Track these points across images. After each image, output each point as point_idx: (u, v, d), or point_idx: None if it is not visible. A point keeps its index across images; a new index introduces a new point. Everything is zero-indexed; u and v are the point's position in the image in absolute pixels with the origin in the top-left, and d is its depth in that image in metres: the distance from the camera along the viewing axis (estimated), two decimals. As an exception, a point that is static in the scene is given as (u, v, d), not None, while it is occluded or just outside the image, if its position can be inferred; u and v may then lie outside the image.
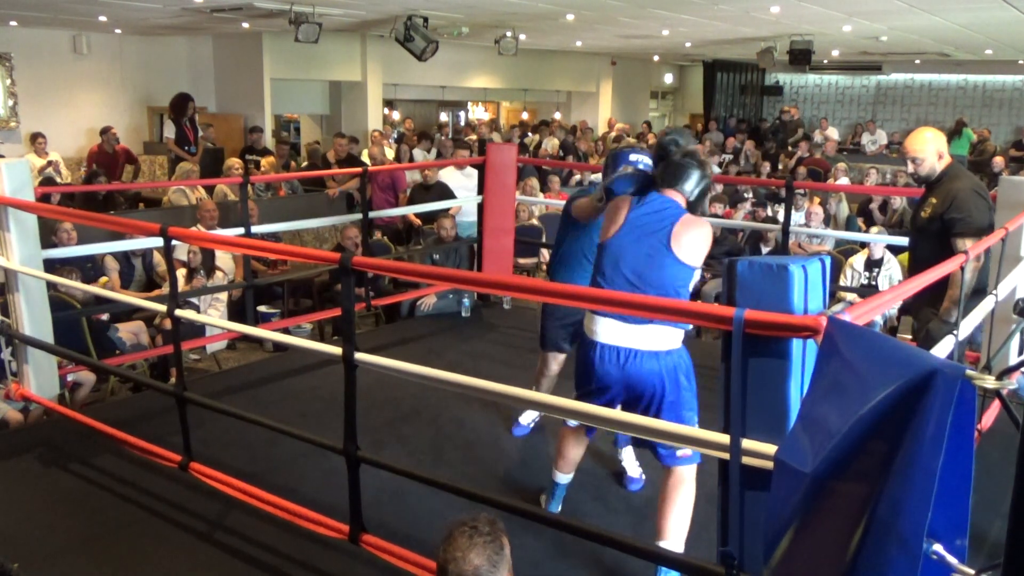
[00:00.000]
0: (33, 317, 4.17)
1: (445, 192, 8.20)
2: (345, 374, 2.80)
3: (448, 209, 7.28)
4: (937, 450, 1.37)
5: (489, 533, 1.82)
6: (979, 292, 3.69)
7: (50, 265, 4.66)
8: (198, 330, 5.64)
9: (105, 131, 10.05)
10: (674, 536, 2.83)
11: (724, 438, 2.04)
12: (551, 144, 13.82)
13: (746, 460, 1.99)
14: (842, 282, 6.50)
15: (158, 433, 3.76)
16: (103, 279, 5.95)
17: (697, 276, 2.93)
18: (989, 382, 1.39)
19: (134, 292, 6.28)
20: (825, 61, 16.41)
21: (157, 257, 6.65)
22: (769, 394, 1.98)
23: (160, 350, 5.50)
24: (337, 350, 2.82)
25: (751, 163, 13.10)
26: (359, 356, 2.77)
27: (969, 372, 1.38)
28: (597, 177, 11.45)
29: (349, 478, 2.87)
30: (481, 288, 5.84)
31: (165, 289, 5.28)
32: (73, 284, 4.66)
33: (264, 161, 9.70)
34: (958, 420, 1.37)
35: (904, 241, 6.68)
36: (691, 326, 3.28)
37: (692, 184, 2.90)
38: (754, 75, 18.78)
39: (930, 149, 3.78)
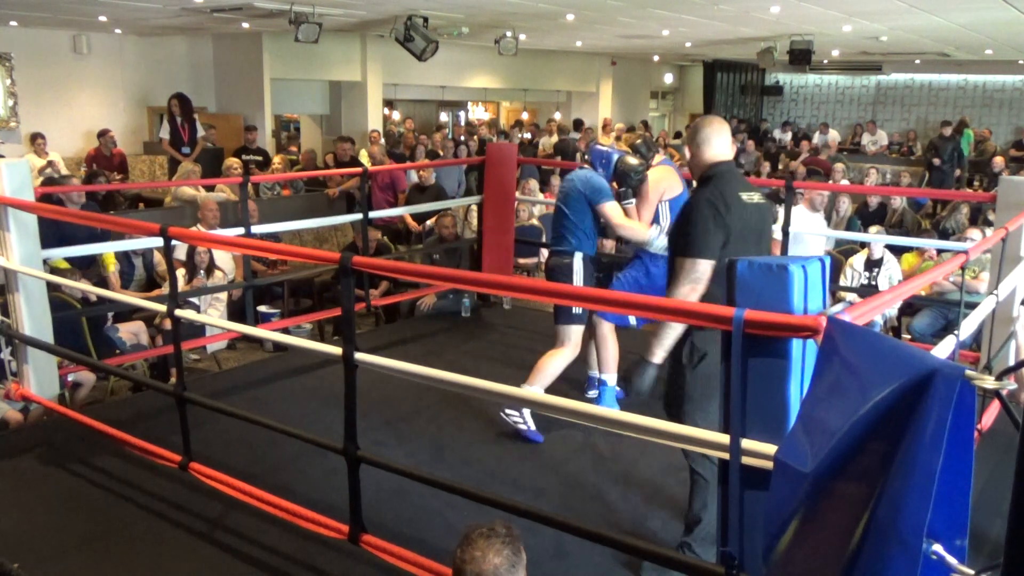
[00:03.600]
0: (33, 317, 4.17)
1: (440, 194, 8.27)
2: (345, 374, 2.80)
3: (448, 209, 7.28)
4: (937, 450, 1.37)
5: (507, 535, 1.86)
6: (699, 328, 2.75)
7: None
8: (198, 330, 5.64)
9: (103, 134, 10.07)
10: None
11: (724, 438, 2.04)
12: (547, 143, 13.84)
13: (746, 460, 1.99)
14: (842, 282, 6.50)
15: (158, 433, 3.76)
16: (110, 259, 5.91)
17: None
18: (988, 382, 1.39)
19: (134, 292, 6.28)
20: (825, 61, 16.41)
21: (157, 257, 6.65)
22: (769, 394, 1.98)
23: (160, 350, 5.49)
24: (337, 350, 2.82)
25: (752, 161, 13.10)
26: (359, 356, 2.77)
27: (968, 372, 1.38)
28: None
29: (349, 478, 2.87)
30: (481, 288, 5.84)
31: (165, 289, 5.28)
32: (73, 284, 4.66)
33: (277, 159, 9.71)
34: (958, 420, 1.37)
35: (906, 241, 6.72)
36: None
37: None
38: (754, 75, 18.78)
39: (690, 139, 3.07)
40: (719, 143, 2.96)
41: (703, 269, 2.74)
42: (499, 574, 1.82)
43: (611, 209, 4.17)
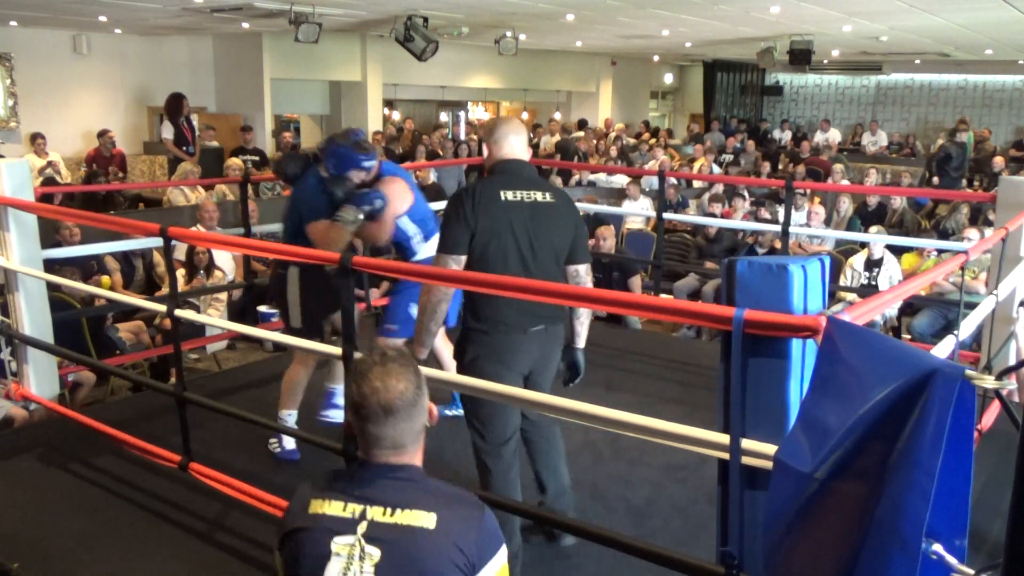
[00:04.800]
0: (33, 317, 4.17)
1: (440, 194, 8.30)
2: (346, 373, 2.80)
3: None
4: (936, 450, 1.37)
5: (400, 356, 1.68)
6: (474, 330, 2.92)
7: (50, 265, 4.66)
8: (198, 330, 5.64)
9: (102, 134, 10.08)
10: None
11: (724, 438, 2.04)
12: (548, 143, 13.84)
13: (746, 460, 1.99)
14: (842, 282, 6.50)
15: (158, 433, 3.76)
16: (105, 278, 5.95)
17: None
18: (988, 382, 1.39)
19: (134, 292, 6.28)
20: (825, 61, 16.41)
21: (157, 257, 6.65)
22: (769, 394, 1.98)
23: (160, 350, 5.50)
24: (337, 350, 2.82)
25: (751, 161, 13.10)
26: (359, 355, 2.77)
27: (968, 372, 1.38)
28: (596, 177, 11.47)
29: (349, 478, 2.87)
30: (480, 288, 5.83)
31: (165, 289, 5.28)
32: (73, 284, 4.65)
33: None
34: (957, 420, 1.37)
35: (906, 241, 6.72)
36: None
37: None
38: (754, 75, 18.78)
39: (486, 137, 3.10)
40: (512, 142, 2.97)
41: (446, 264, 2.82)
42: (407, 399, 1.62)
43: (312, 229, 3.64)
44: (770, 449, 1.83)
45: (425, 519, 1.57)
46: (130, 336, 5.65)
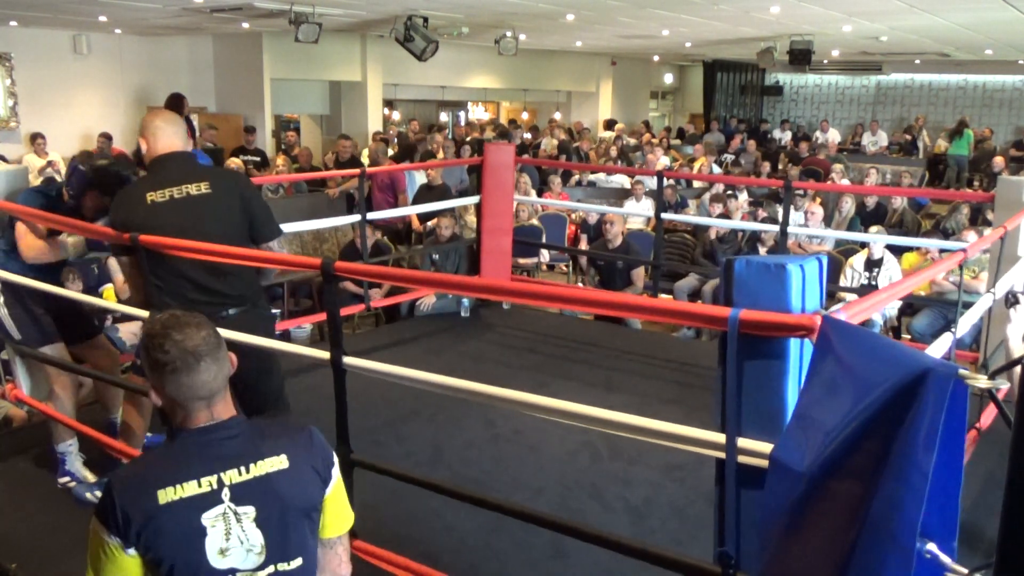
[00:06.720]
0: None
1: (447, 194, 8.30)
2: (334, 378, 2.80)
3: (452, 209, 7.27)
4: (930, 449, 1.37)
5: (185, 312, 1.67)
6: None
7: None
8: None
9: (101, 136, 10.16)
10: None
11: (720, 438, 2.04)
12: (549, 144, 13.84)
13: (742, 459, 1.99)
14: (842, 282, 6.49)
15: (156, 434, 3.76)
16: (108, 289, 5.92)
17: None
18: (982, 381, 1.39)
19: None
20: (825, 61, 16.41)
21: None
22: (766, 394, 1.98)
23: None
24: (325, 354, 2.81)
25: (751, 161, 13.10)
26: (347, 360, 2.76)
27: (962, 372, 1.37)
28: (596, 177, 11.47)
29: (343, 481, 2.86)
30: (470, 292, 5.83)
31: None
32: (72, 294, 4.60)
33: (279, 159, 9.75)
34: (950, 419, 1.37)
35: (906, 241, 6.72)
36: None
37: None
38: (754, 75, 18.79)
39: (141, 132, 3.06)
40: (168, 133, 2.96)
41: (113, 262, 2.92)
42: (212, 342, 1.61)
43: (19, 228, 3.53)
44: (767, 448, 1.83)
45: (278, 462, 1.64)
46: (130, 336, 5.64)
